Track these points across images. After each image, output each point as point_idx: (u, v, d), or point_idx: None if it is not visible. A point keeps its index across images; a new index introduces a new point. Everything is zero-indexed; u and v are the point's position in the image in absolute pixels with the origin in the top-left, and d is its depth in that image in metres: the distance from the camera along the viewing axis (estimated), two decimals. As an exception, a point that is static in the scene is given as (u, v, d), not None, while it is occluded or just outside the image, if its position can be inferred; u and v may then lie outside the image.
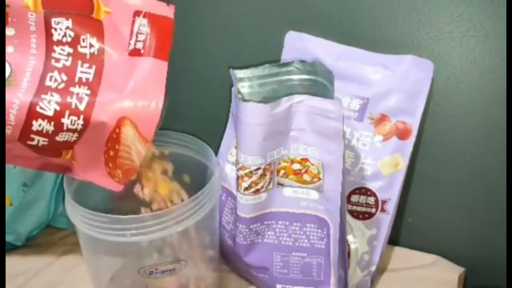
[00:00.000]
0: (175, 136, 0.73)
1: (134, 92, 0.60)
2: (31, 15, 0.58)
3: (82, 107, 0.59)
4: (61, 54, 0.59)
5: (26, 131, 0.59)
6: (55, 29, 0.58)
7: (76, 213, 0.64)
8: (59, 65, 0.59)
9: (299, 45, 0.74)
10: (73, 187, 0.68)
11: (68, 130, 0.59)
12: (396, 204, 0.74)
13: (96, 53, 0.60)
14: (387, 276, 0.77)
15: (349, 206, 0.74)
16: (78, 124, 0.59)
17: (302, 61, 0.71)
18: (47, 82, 0.58)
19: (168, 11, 0.62)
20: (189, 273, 0.67)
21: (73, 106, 0.59)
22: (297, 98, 0.64)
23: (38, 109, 0.58)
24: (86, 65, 0.60)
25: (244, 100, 0.64)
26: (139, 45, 0.61)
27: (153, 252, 0.64)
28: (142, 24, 0.61)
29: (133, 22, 0.61)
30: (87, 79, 0.60)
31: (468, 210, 0.77)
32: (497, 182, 0.73)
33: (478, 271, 0.78)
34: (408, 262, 0.79)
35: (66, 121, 0.59)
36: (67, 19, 0.59)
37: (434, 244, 0.80)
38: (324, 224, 0.68)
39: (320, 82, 0.70)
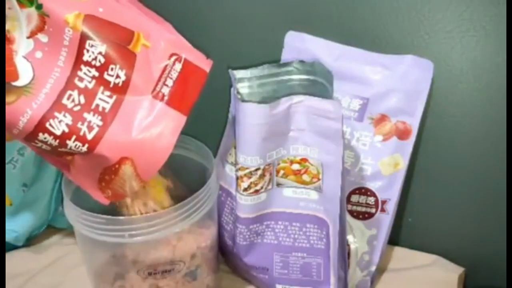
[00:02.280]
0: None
1: (144, 138, 0.59)
2: (68, 31, 0.56)
3: (89, 136, 0.58)
4: (86, 75, 0.58)
5: (31, 137, 0.59)
6: (87, 51, 0.57)
7: (74, 215, 0.64)
8: (81, 85, 0.58)
9: (299, 45, 0.74)
10: (72, 188, 0.68)
11: (71, 150, 0.59)
12: (396, 204, 0.74)
13: (120, 84, 0.58)
14: (387, 276, 0.77)
15: (349, 206, 0.74)
16: (81, 149, 0.59)
17: (302, 61, 0.71)
18: (64, 100, 0.58)
19: (205, 64, 0.61)
20: (188, 274, 0.67)
21: (81, 133, 0.58)
22: (296, 98, 0.64)
23: (47, 125, 0.58)
24: (107, 93, 0.58)
25: (244, 101, 0.64)
26: (165, 90, 0.59)
27: (151, 253, 0.64)
28: (175, 69, 0.60)
29: (167, 64, 0.59)
30: (103, 108, 0.58)
31: (468, 210, 0.77)
32: (497, 182, 0.73)
33: (478, 271, 0.78)
34: (408, 262, 0.79)
35: (70, 143, 0.59)
36: (102, 44, 0.57)
37: (434, 244, 0.80)
38: (323, 224, 0.67)
39: (319, 82, 0.70)
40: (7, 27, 0.56)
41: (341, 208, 0.66)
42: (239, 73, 0.70)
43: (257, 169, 0.65)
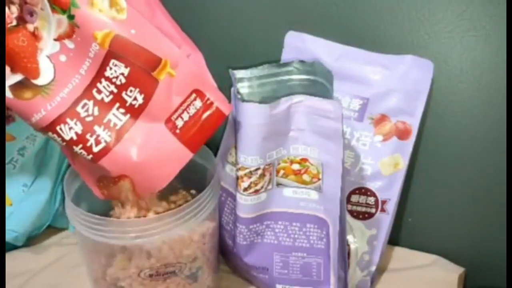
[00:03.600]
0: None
1: (146, 164, 0.59)
2: (95, 46, 0.56)
3: (95, 149, 0.59)
4: (105, 88, 0.58)
5: (40, 130, 0.59)
6: (110, 68, 0.57)
7: (75, 215, 0.64)
8: (98, 97, 0.58)
9: (299, 45, 0.74)
10: (73, 189, 0.68)
11: (76, 154, 0.60)
12: (396, 204, 0.74)
13: (136, 106, 0.58)
14: (387, 276, 0.77)
15: (349, 206, 0.74)
16: (86, 157, 0.59)
17: (302, 61, 0.71)
18: (79, 108, 0.58)
19: (225, 107, 0.60)
20: (189, 276, 0.67)
21: (88, 144, 0.59)
22: (296, 98, 0.64)
23: (58, 128, 0.58)
24: (122, 110, 0.58)
25: (244, 100, 0.64)
26: (179, 123, 0.59)
27: (153, 255, 0.64)
28: (194, 105, 0.59)
29: (187, 98, 0.59)
30: (115, 124, 0.59)
31: (468, 210, 0.77)
32: (497, 182, 0.73)
33: (478, 271, 0.78)
34: (408, 262, 0.79)
35: (77, 149, 0.59)
36: (126, 67, 0.57)
37: (434, 244, 0.80)
38: (323, 224, 0.67)
39: (319, 82, 0.70)
40: (36, 25, 0.56)
41: (341, 208, 0.66)
42: (239, 73, 0.70)
43: (257, 169, 0.65)
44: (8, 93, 0.57)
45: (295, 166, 0.66)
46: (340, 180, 0.65)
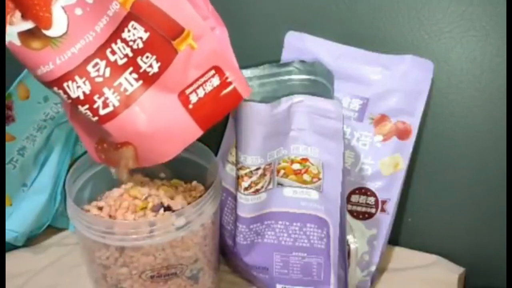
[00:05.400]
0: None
1: (153, 135, 0.56)
2: (116, 4, 0.53)
3: (102, 112, 0.56)
4: (120, 50, 0.55)
5: (44, 84, 0.57)
6: (129, 30, 0.54)
7: (76, 216, 0.64)
8: (112, 58, 0.55)
9: (299, 45, 0.74)
10: (74, 189, 0.68)
11: (80, 113, 0.57)
12: (396, 204, 0.74)
13: (150, 74, 0.55)
14: (387, 276, 0.77)
15: (349, 206, 0.74)
16: (90, 118, 0.57)
17: (302, 61, 0.71)
18: (89, 67, 0.55)
19: (244, 90, 0.56)
20: (190, 277, 0.67)
21: (95, 106, 0.56)
22: (297, 98, 0.64)
23: (65, 85, 0.55)
24: (135, 75, 0.55)
25: (244, 100, 0.64)
26: (193, 98, 0.56)
27: (154, 256, 0.63)
28: (211, 82, 0.56)
29: (206, 73, 0.56)
30: (125, 89, 0.56)
31: (468, 210, 0.77)
32: (498, 182, 0.73)
33: (478, 271, 0.78)
34: (408, 262, 0.79)
35: (82, 109, 0.56)
36: (145, 31, 0.54)
37: (434, 244, 0.80)
38: (324, 224, 0.67)
39: (320, 82, 0.70)
40: None
41: (342, 208, 0.66)
42: (239, 73, 0.70)
43: (257, 169, 0.65)
44: (16, 40, 0.54)
45: (296, 166, 0.66)
46: (341, 180, 0.65)
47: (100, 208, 0.66)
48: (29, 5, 0.53)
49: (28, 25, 0.54)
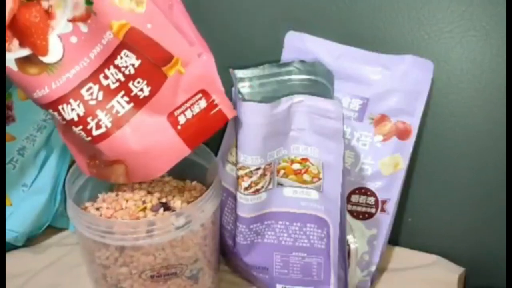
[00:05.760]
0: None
1: (143, 153, 0.59)
2: (109, 34, 0.56)
3: (95, 133, 0.59)
4: (113, 75, 0.58)
5: (40, 106, 0.59)
6: (121, 58, 0.57)
7: (76, 216, 0.64)
8: (105, 82, 0.58)
9: (299, 45, 0.74)
10: (74, 189, 0.68)
11: (74, 133, 0.60)
12: (396, 204, 0.74)
13: (141, 97, 0.58)
14: (387, 276, 0.77)
15: (349, 206, 0.74)
16: (84, 138, 0.59)
17: (302, 61, 0.71)
18: (83, 91, 0.58)
19: (229, 111, 0.60)
20: (190, 277, 0.67)
21: (88, 127, 0.59)
22: (297, 98, 0.64)
23: (60, 107, 0.58)
24: (126, 98, 0.58)
25: (244, 100, 0.64)
26: (181, 119, 0.59)
27: (154, 256, 0.63)
28: (198, 104, 0.59)
29: (193, 96, 0.59)
30: (117, 112, 0.59)
31: (468, 210, 0.77)
32: (498, 182, 0.73)
33: (478, 271, 0.78)
34: (408, 262, 0.79)
35: (76, 130, 0.59)
36: (137, 59, 0.57)
37: (434, 244, 0.80)
38: (324, 224, 0.68)
39: (320, 82, 0.70)
40: (51, 3, 0.56)
41: (342, 208, 0.66)
42: (240, 73, 0.70)
43: (257, 169, 0.65)
44: (14, 66, 0.57)
45: (296, 166, 0.66)
46: (341, 180, 0.65)
47: (99, 209, 0.66)
48: (27, 34, 0.56)
49: (25, 52, 0.57)
